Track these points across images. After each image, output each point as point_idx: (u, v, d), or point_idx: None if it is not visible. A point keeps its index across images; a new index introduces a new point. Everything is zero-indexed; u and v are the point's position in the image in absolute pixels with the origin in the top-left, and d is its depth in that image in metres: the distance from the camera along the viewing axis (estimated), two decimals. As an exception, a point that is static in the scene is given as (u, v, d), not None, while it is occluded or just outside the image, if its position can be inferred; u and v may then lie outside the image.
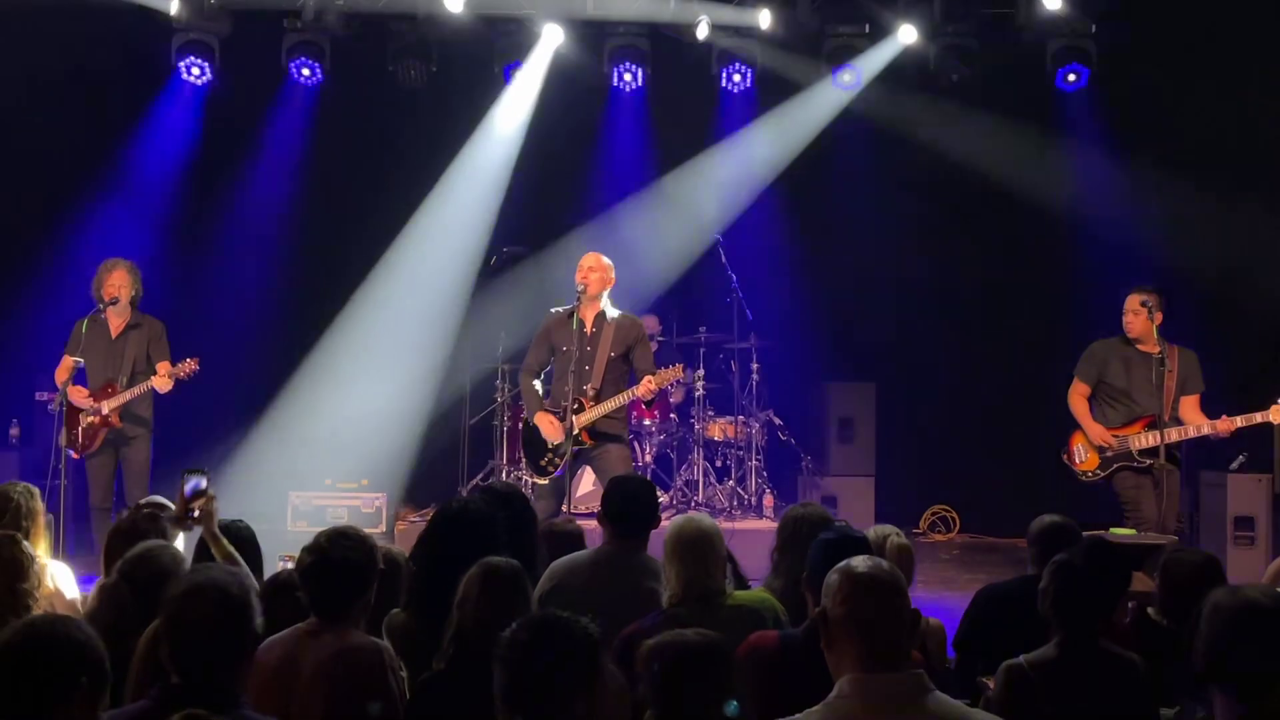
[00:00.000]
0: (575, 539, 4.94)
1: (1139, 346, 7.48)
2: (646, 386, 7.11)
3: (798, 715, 2.76)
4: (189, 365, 7.66)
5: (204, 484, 4.70)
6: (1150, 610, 4.26)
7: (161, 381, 7.66)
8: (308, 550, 3.71)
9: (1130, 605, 4.23)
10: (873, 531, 4.68)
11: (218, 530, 4.62)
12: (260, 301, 10.93)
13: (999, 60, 10.25)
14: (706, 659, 3.02)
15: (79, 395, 7.66)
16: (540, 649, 2.69)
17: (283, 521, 10.71)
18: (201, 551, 4.61)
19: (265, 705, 3.35)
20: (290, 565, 5.04)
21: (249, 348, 10.70)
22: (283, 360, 10.97)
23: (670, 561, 4.04)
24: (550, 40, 10.11)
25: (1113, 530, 6.53)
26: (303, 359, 11.06)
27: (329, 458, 10.91)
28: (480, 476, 10.09)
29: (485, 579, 3.53)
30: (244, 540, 4.65)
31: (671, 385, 7.41)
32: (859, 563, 2.86)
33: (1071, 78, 10.08)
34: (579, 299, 7.27)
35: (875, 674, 2.73)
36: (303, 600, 3.71)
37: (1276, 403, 7.19)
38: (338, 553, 3.67)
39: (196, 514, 4.59)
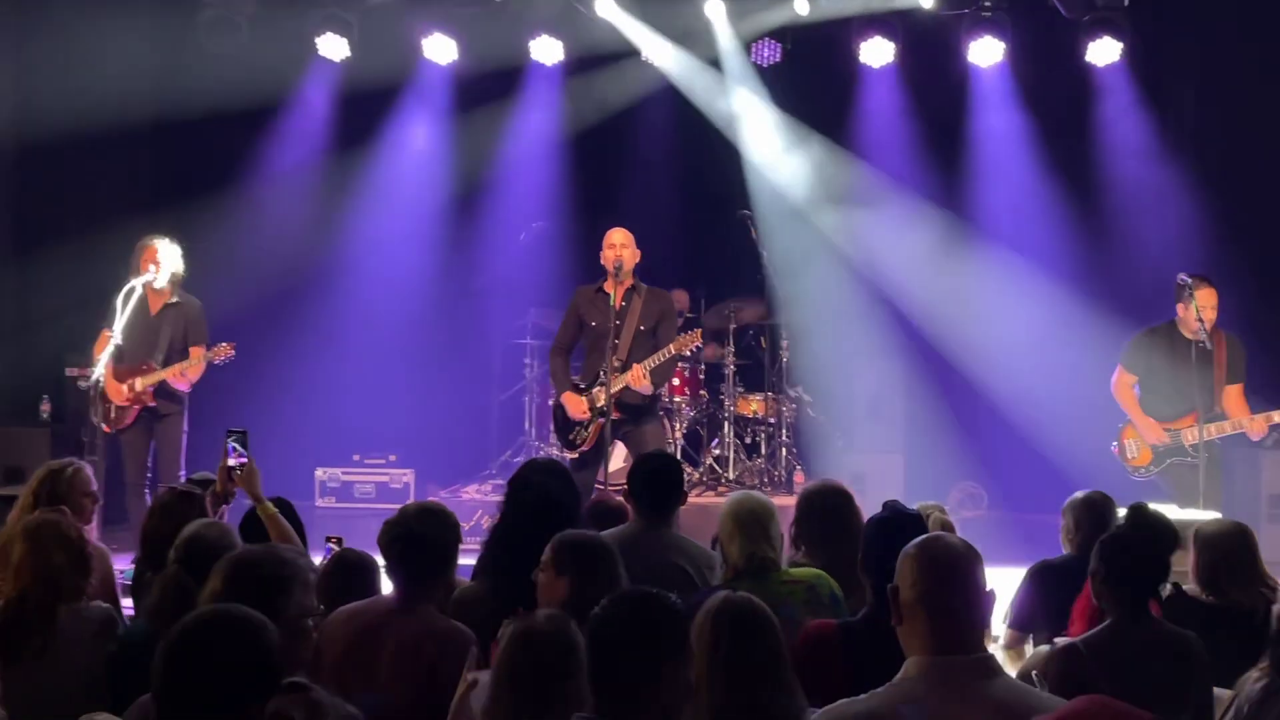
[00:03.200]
0: (620, 514, 4.94)
1: (1184, 332, 7.28)
2: (680, 342, 7.08)
3: (863, 696, 2.74)
4: (224, 350, 7.66)
5: (239, 446, 4.74)
6: (1186, 587, 4.24)
7: (194, 371, 7.65)
8: (391, 524, 3.71)
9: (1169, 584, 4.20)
10: (917, 507, 4.65)
11: (261, 492, 4.66)
12: (287, 275, 10.91)
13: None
14: (754, 617, 3.00)
15: (110, 384, 7.65)
16: (634, 623, 2.70)
17: (310, 498, 10.77)
18: (247, 527, 4.63)
19: (342, 679, 3.36)
20: (335, 548, 5.07)
21: (277, 321, 10.71)
22: (310, 334, 10.98)
23: (728, 536, 4.05)
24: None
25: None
26: (330, 332, 11.08)
27: (356, 433, 10.95)
28: (510, 453, 10.10)
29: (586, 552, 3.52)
30: (287, 516, 4.66)
31: (692, 351, 7.39)
32: (933, 541, 2.84)
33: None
34: (610, 275, 7.25)
35: (942, 656, 2.71)
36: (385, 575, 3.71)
37: None
38: (423, 528, 3.68)
39: (239, 474, 4.64)
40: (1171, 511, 6.16)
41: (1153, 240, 10.25)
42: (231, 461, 4.83)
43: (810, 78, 10.75)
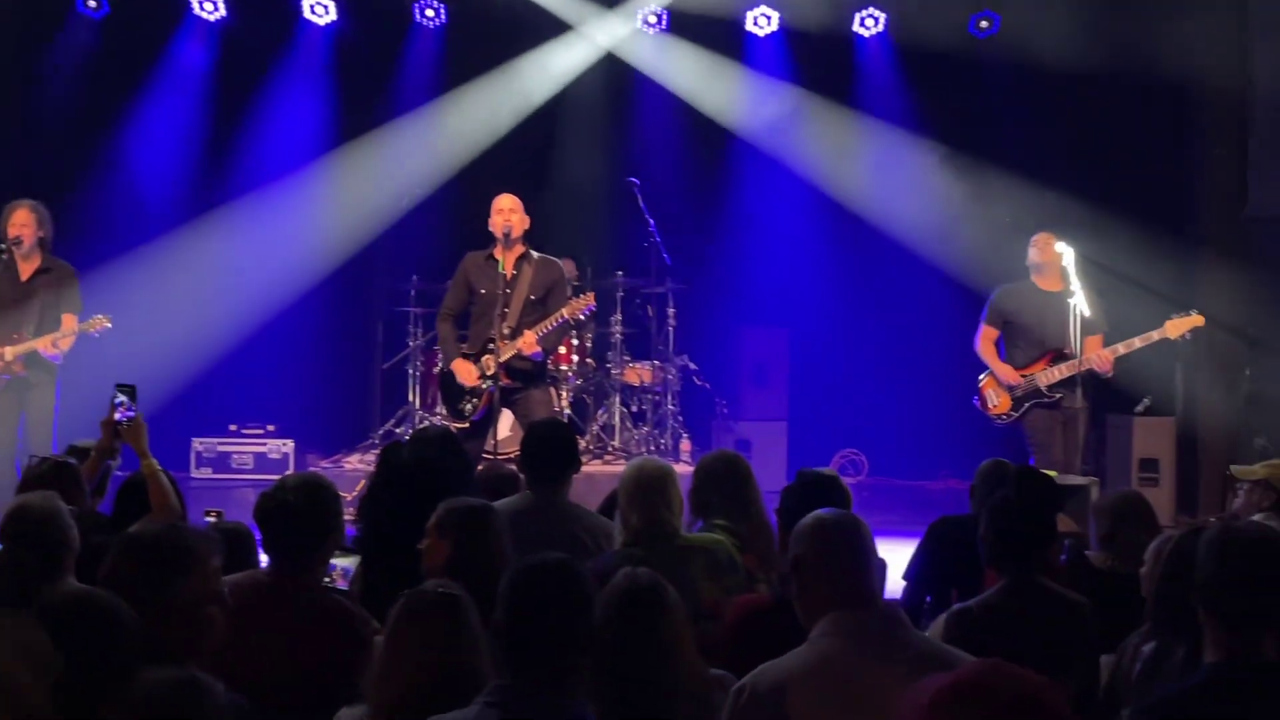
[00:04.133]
0: (512, 481, 4.89)
1: (1043, 286, 7.63)
2: (572, 306, 7.05)
3: (784, 657, 2.78)
4: (99, 321, 7.40)
5: (127, 400, 4.62)
6: (1089, 554, 4.34)
7: (66, 341, 7.41)
8: (268, 496, 3.60)
9: (1065, 544, 4.30)
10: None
11: (147, 448, 4.54)
12: (161, 240, 10.62)
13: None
14: (656, 596, 2.99)
15: None
16: (549, 591, 2.68)
17: (185, 469, 10.51)
18: (127, 497, 4.50)
19: (216, 658, 3.26)
20: (213, 521, 4.96)
21: (150, 287, 10.41)
22: (185, 300, 10.71)
23: (627, 501, 4.04)
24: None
25: (1032, 472, 6.62)
26: (205, 299, 10.81)
27: (233, 403, 10.72)
28: (393, 422, 9.98)
29: (457, 521, 3.48)
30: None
31: (582, 315, 7.36)
32: (825, 511, 3.00)
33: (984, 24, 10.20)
34: (499, 242, 7.17)
35: (853, 610, 2.83)
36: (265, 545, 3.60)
37: (1170, 319, 7.38)
38: (301, 500, 3.57)
39: (125, 428, 4.52)
40: (1057, 478, 6.36)
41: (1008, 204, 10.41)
42: (119, 416, 4.70)
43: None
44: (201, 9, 10.29)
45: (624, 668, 2.87)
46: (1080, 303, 7.23)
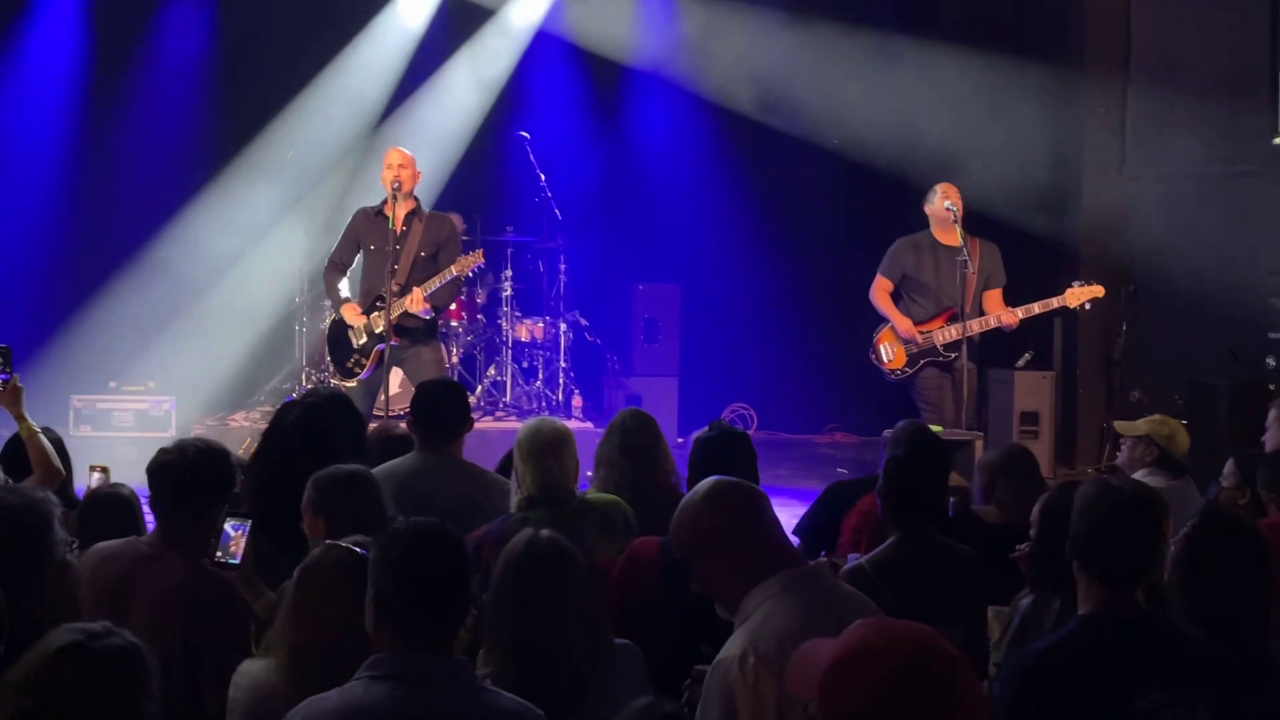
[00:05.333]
0: (404, 442, 4.83)
1: (941, 240, 7.52)
2: (461, 263, 6.99)
3: (758, 619, 2.79)
4: None
5: (2, 362, 4.49)
6: (975, 508, 4.43)
7: None
8: (166, 457, 3.51)
9: (952, 501, 4.38)
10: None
11: (24, 411, 4.42)
12: (36, 195, 10.32)
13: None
14: (558, 560, 2.99)
15: None
16: (426, 558, 2.63)
17: (65, 426, 10.24)
18: (9, 453, 4.38)
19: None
20: (100, 475, 4.83)
21: (26, 242, 10.13)
22: (63, 253, 10.42)
23: (524, 463, 4.00)
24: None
25: (920, 428, 6.72)
26: (85, 253, 10.54)
27: (111, 358, 10.47)
28: (280, 379, 9.82)
29: (332, 487, 3.44)
30: (57, 450, 4.43)
31: (473, 272, 7.29)
32: (705, 485, 3.01)
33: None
34: (390, 197, 7.06)
35: (792, 569, 2.85)
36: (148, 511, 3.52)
37: (1071, 286, 7.44)
38: (200, 466, 3.49)
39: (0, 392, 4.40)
40: (944, 433, 6.47)
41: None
42: None
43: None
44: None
45: (525, 632, 2.86)
46: (975, 255, 7.25)
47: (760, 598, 2.82)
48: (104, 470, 4.77)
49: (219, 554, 3.44)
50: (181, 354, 10.45)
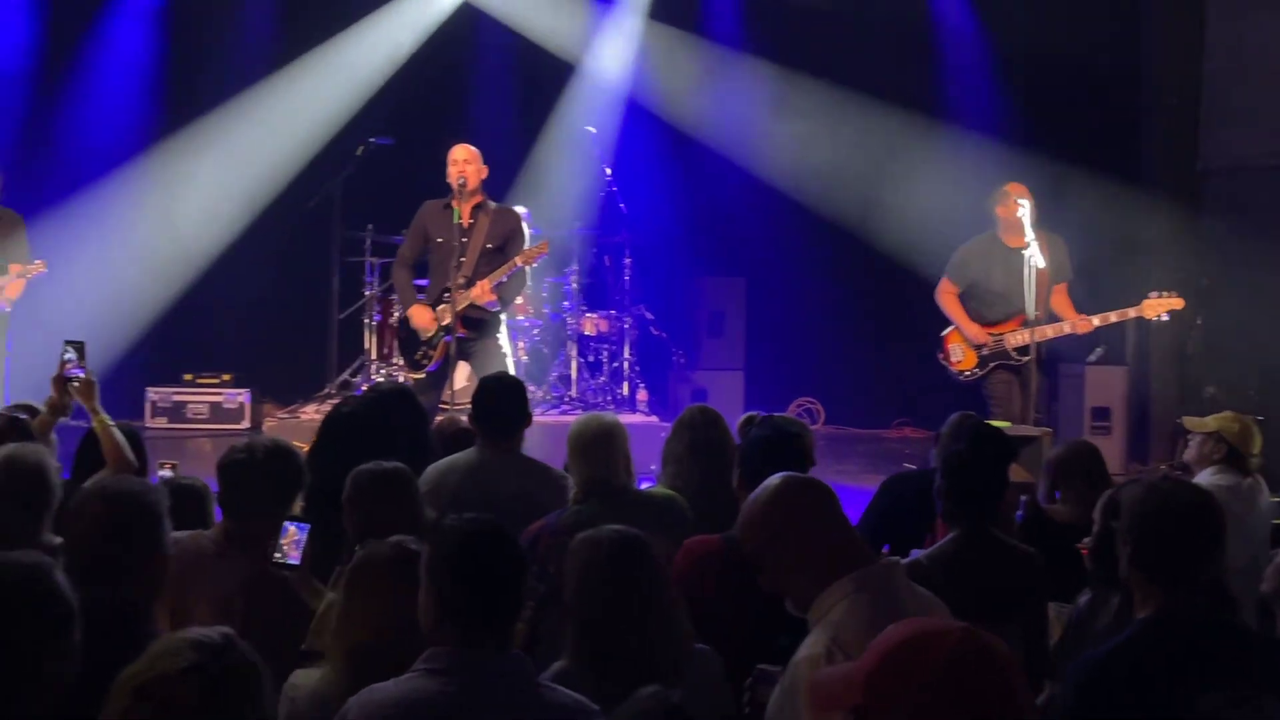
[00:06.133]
0: (468, 436, 4.86)
1: (1008, 241, 7.41)
2: (525, 254, 7.02)
3: (836, 616, 2.77)
4: (36, 267, 7.30)
5: (76, 357, 4.58)
6: (1044, 506, 4.39)
7: (13, 289, 7.30)
8: (237, 455, 3.57)
9: (1023, 500, 4.34)
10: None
11: (98, 404, 4.51)
12: (118, 188, 10.51)
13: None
14: (635, 551, 3.00)
15: None
16: (483, 554, 2.66)
17: (140, 418, 10.44)
18: (84, 452, 4.47)
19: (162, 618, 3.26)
20: (170, 473, 4.93)
21: (102, 236, 10.32)
22: (140, 249, 10.61)
23: (574, 459, 4.04)
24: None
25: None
26: (160, 247, 10.72)
27: (187, 351, 10.64)
28: (350, 372, 9.92)
29: (366, 485, 3.47)
30: (133, 444, 4.52)
31: (535, 262, 7.34)
32: (788, 476, 2.97)
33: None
34: (455, 193, 7.12)
35: (866, 568, 2.82)
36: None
37: (1148, 297, 7.34)
38: (270, 466, 3.54)
39: (75, 386, 4.49)
40: (1011, 429, 6.41)
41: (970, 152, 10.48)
42: (68, 372, 4.66)
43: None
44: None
45: (604, 618, 2.87)
46: (1036, 256, 7.11)
47: (835, 596, 2.78)
48: (173, 467, 4.87)
49: (277, 554, 3.49)
50: (254, 346, 10.62)
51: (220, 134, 10.60)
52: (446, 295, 7.11)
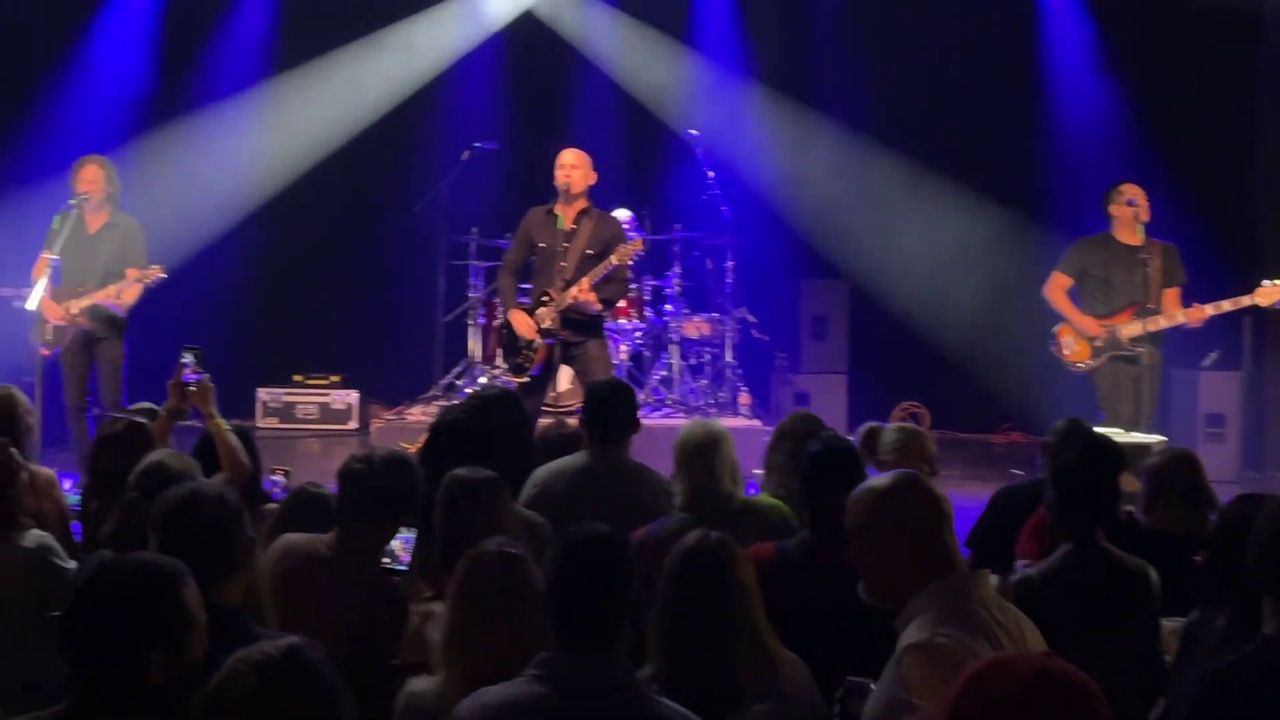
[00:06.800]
0: (574, 441, 4.91)
1: (1122, 240, 7.42)
2: (621, 252, 7.06)
3: (915, 624, 2.78)
4: (154, 272, 7.48)
5: (194, 362, 4.69)
6: (1143, 519, 4.30)
7: (130, 293, 7.49)
8: (356, 465, 3.64)
9: (1128, 509, 4.26)
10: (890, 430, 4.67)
11: (214, 409, 4.62)
12: (228, 193, 10.75)
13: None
14: (719, 564, 3.01)
15: (48, 304, 7.47)
16: (592, 564, 2.69)
17: (251, 418, 10.67)
18: (202, 451, 4.58)
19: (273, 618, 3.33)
20: (281, 479, 5.03)
21: (213, 239, 10.56)
22: (249, 251, 10.85)
23: (679, 467, 4.05)
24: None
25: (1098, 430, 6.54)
26: (269, 250, 10.95)
27: (297, 352, 10.85)
28: (454, 374, 10.05)
29: (455, 491, 3.51)
30: (243, 440, 4.62)
31: (632, 260, 7.37)
32: (887, 477, 2.98)
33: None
34: (560, 197, 7.17)
35: (950, 576, 2.84)
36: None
37: (1262, 285, 7.19)
38: (387, 479, 3.60)
39: (193, 390, 4.59)
40: (1124, 436, 6.29)
41: (1088, 151, 10.35)
42: (185, 377, 4.77)
43: None
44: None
45: (684, 626, 2.89)
46: (1150, 254, 7.14)
47: (924, 600, 2.83)
48: (285, 473, 4.96)
49: (386, 559, 3.56)
50: (361, 348, 10.80)
51: (323, 138, 10.80)
52: (546, 299, 7.15)
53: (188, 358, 4.74)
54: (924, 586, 2.84)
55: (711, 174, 9.69)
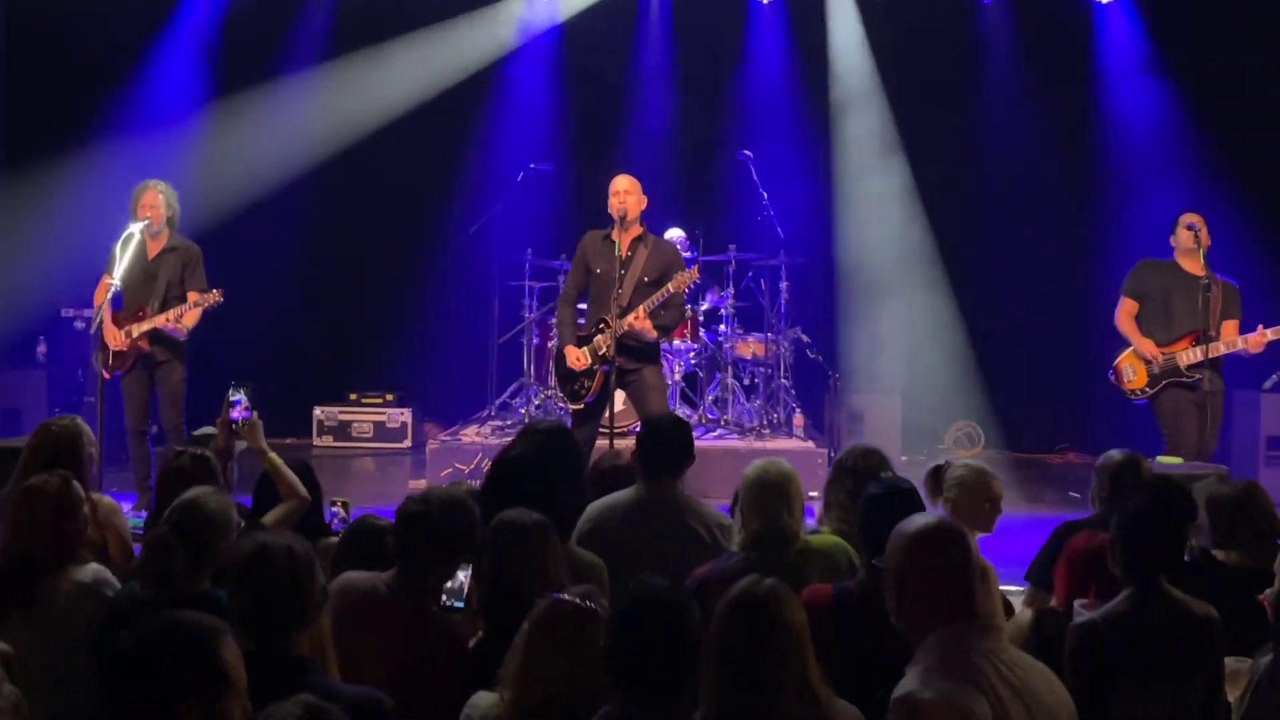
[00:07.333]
0: (626, 474, 4.88)
1: (1185, 267, 7.41)
2: (677, 280, 7.05)
3: (912, 672, 2.80)
4: (213, 296, 7.54)
5: (244, 400, 4.72)
6: (1215, 553, 4.24)
7: (190, 317, 7.57)
8: (413, 506, 3.66)
9: (1190, 544, 4.20)
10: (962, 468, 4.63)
11: (264, 444, 4.65)
12: (281, 213, 10.86)
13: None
14: (771, 611, 2.99)
15: (109, 329, 7.58)
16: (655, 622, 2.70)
17: (308, 436, 10.78)
18: (263, 487, 4.62)
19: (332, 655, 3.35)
20: (340, 511, 5.06)
21: (272, 258, 10.68)
22: (307, 271, 10.97)
23: (748, 505, 4.00)
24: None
25: (1159, 459, 6.49)
26: (325, 270, 11.06)
27: (351, 371, 10.95)
28: (509, 394, 10.08)
29: (500, 534, 3.52)
30: (305, 479, 4.65)
31: (687, 289, 7.35)
32: (921, 520, 3.05)
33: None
34: (616, 223, 7.17)
35: (957, 623, 2.90)
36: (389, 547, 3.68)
37: None
38: (443, 520, 3.61)
39: (241, 427, 4.62)
40: (1183, 466, 6.22)
41: (1150, 176, 10.29)
42: (234, 415, 4.81)
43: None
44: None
45: (730, 674, 2.87)
46: (1212, 284, 7.15)
47: (928, 646, 2.91)
48: (344, 504, 4.99)
49: (445, 597, 3.57)
50: (416, 367, 10.87)
51: (379, 158, 10.90)
52: (603, 325, 7.16)
53: (236, 395, 4.78)
54: (940, 626, 2.93)
55: (765, 195, 9.67)
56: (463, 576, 3.59)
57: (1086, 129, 10.76)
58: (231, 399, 4.84)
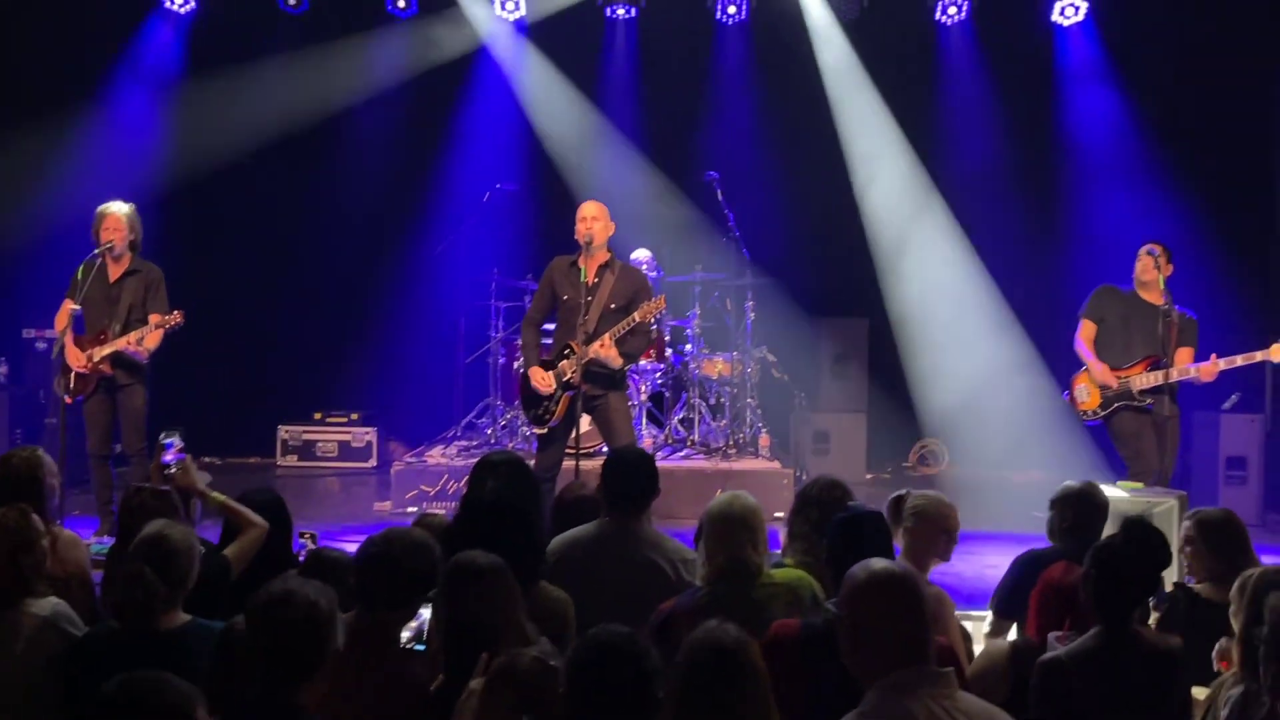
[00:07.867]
0: (591, 507, 4.87)
1: (1144, 296, 7.52)
2: (644, 310, 7.04)
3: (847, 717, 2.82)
4: (173, 318, 7.50)
5: (177, 442, 4.68)
6: (1194, 587, 4.28)
7: (151, 339, 7.51)
8: (374, 549, 3.64)
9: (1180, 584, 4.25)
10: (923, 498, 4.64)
11: (203, 486, 4.63)
12: (246, 233, 10.84)
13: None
14: (733, 659, 3.00)
15: (71, 352, 7.52)
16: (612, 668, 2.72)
17: (272, 455, 10.73)
18: (228, 524, 4.59)
19: None
20: (308, 543, 5.03)
21: (234, 279, 10.64)
22: (268, 289, 10.93)
23: (714, 539, 3.99)
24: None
25: (1119, 485, 6.54)
26: (290, 289, 11.02)
27: (317, 391, 10.91)
28: (475, 414, 10.07)
29: (453, 577, 3.51)
30: (266, 507, 4.62)
31: (654, 318, 7.34)
32: (876, 564, 3.07)
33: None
34: (583, 250, 7.15)
35: (906, 669, 2.93)
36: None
37: (1278, 341, 7.25)
38: (406, 562, 3.59)
39: (172, 473, 4.60)
40: (1143, 492, 6.28)
41: (1109, 197, 10.42)
42: (167, 458, 4.77)
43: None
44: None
45: (694, 716, 2.89)
46: (1170, 313, 7.28)
47: (876, 689, 2.95)
48: (312, 537, 4.97)
49: (407, 637, 3.55)
50: (381, 386, 10.84)
51: (345, 177, 10.89)
52: (569, 351, 7.15)
53: (169, 438, 4.75)
54: (887, 672, 2.95)
55: (732, 216, 9.70)
56: (425, 616, 3.57)
57: (1045, 148, 10.86)
58: (164, 442, 4.80)
